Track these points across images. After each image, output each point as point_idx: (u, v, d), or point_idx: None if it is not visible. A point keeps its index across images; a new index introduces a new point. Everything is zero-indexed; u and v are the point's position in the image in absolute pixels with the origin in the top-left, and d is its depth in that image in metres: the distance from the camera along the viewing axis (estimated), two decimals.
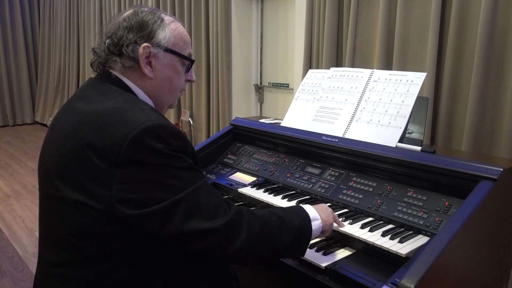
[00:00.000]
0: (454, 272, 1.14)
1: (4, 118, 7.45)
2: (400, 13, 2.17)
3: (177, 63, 1.21)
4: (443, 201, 1.28)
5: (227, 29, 3.54)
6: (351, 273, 1.12)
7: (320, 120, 1.75)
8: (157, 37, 1.15)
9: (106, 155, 0.98)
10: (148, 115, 1.02)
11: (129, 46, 1.13)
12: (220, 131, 2.05)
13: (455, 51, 1.99)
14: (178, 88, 1.25)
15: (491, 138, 1.92)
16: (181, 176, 1.01)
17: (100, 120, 1.03)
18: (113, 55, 1.15)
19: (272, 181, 1.70)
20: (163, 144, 1.00)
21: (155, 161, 0.99)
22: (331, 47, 2.56)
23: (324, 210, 1.26)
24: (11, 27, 7.29)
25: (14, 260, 2.92)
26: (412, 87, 1.55)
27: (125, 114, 1.02)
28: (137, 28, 1.14)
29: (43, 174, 1.13)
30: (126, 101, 1.08)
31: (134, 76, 1.16)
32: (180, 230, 0.99)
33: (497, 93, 1.89)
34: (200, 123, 4.06)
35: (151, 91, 1.19)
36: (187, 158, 1.05)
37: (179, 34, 1.20)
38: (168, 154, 1.00)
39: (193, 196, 1.01)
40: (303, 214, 1.20)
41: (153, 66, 1.16)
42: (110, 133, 0.99)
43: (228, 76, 3.61)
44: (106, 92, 1.12)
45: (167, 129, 1.02)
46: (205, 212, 1.01)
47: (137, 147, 0.98)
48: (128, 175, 0.98)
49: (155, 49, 1.15)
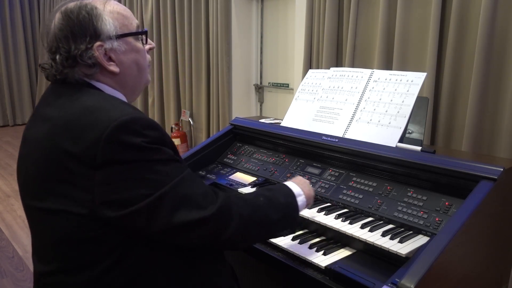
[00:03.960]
0: (454, 272, 1.14)
1: (4, 118, 7.44)
2: (400, 13, 2.17)
3: (133, 43, 1.13)
4: (443, 201, 1.28)
5: (227, 29, 3.54)
6: (351, 273, 1.12)
7: (320, 120, 1.75)
8: (103, 30, 1.06)
9: (83, 159, 0.95)
10: (119, 111, 0.98)
11: (83, 55, 1.04)
12: (220, 131, 2.05)
13: (455, 51, 1.99)
14: (145, 65, 1.19)
15: (491, 138, 1.92)
16: (162, 169, 0.98)
17: (70, 124, 0.99)
18: (69, 68, 1.06)
19: (272, 181, 1.70)
20: (140, 138, 0.96)
21: (134, 157, 0.95)
22: (331, 47, 2.56)
23: (305, 184, 1.27)
24: (11, 27, 7.28)
25: (14, 260, 2.92)
26: (412, 87, 1.55)
27: (94, 114, 0.98)
28: (79, 32, 1.04)
29: (24, 186, 1.10)
30: (93, 100, 1.03)
31: (100, 77, 1.10)
32: (170, 223, 0.96)
33: (497, 93, 1.89)
34: (200, 123, 4.06)
35: (121, 83, 1.13)
36: (166, 149, 1.01)
37: (118, 13, 1.10)
38: (146, 147, 0.96)
39: (178, 187, 0.98)
40: (288, 192, 1.21)
41: (115, 59, 1.09)
42: (83, 136, 0.95)
43: (228, 76, 3.61)
44: (71, 93, 1.05)
45: (141, 121, 0.98)
46: (193, 202, 0.99)
47: (113, 146, 0.94)
48: (108, 176, 0.95)
49: (107, 43, 1.07)
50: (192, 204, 0.98)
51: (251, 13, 3.72)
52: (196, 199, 0.99)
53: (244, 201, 1.09)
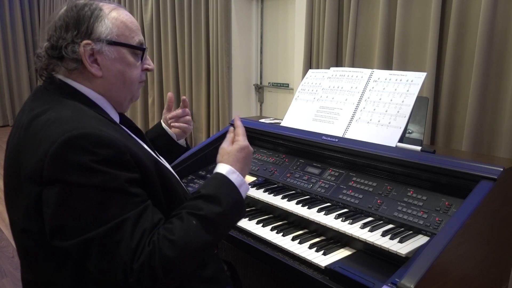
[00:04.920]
0: (454, 272, 1.14)
1: (4, 118, 7.45)
2: (400, 13, 2.17)
3: (126, 55, 1.09)
4: (443, 201, 1.28)
5: (227, 29, 3.54)
6: (351, 273, 1.12)
7: (320, 120, 1.75)
8: (97, 31, 1.04)
9: (32, 175, 0.91)
10: (76, 124, 0.91)
11: (68, 47, 1.02)
12: (220, 131, 2.05)
13: (455, 51, 1.99)
14: (134, 80, 1.13)
15: (491, 138, 1.92)
16: (105, 203, 0.89)
17: (31, 137, 0.95)
18: (54, 59, 1.04)
19: (272, 181, 1.70)
20: (88, 156, 0.88)
21: (79, 179, 0.87)
22: (331, 47, 2.56)
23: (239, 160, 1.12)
24: (11, 27, 7.28)
25: (14, 260, 2.92)
26: (412, 87, 1.55)
27: (51, 126, 0.92)
28: (73, 26, 1.03)
29: (4, 193, 1.09)
30: (61, 111, 0.98)
31: (81, 78, 1.06)
32: (98, 268, 0.89)
33: (497, 93, 1.89)
34: (200, 123, 4.06)
35: (103, 89, 1.08)
36: (120, 173, 0.91)
37: (122, 22, 1.08)
38: (93, 169, 0.88)
39: (112, 233, 0.88)
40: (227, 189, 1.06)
41: (100, 63, 1.05)
42: (36, 150, 0.91)
43: (228, 76, 3.61)
44: (46, 103, 1.02)
45: (92, 137, 0.90)
46: (121, 253, 0.88)
47: (58, 163, 0.88)
48: (50, 197, 0.89)
49: (97, 44, 1.03)
50: (119, 254, 0.88)
51: (251, 13, 3.72)
52: (125, 249, 0.88)
53: (172, 242, 0.92)
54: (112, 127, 1.00)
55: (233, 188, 1.07)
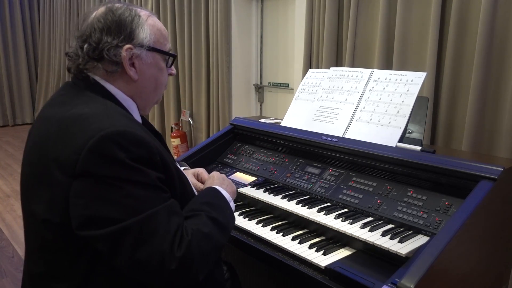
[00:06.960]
0: (454, 272, 1.14)
1: (4, 118, 7.45)
2: (400, 13, 2.17)
3: (159, 60, 1.15)
4: (443, 201, 1.28)
5: (227, 29, 3.54)
6: (351, 273, 1.12)
7: (320, 120, 1.75)
8: (138, 36, 1.09)
9: (65, 166, 0.93)
10: (111, 121, 0.95)
11: (110, 50, 1.05)
12: (220, 131, 2.05)
13: (455, 51, 1.99)
14: (163, 84, 1.20)
15: (491, 138, 1.92)
16: (139, 195, 0.93)
17: (63, 129, 0.97)
18: (93, 61, 1.07)
19: (272, 181, 1.70)
20: (124, 153, 0.91)
21: (113, 173, 0.91)
22: (331, 47, 2.56)
23: (228, 184, 1.28)
24: (11, 27, 7.28)
25: (14, 260, 2.92)
26: (412, 87, 1.55)
27: (87, 121, 0.96)
28: (115, 29, 1.06)
29: (21, 184, 1.11)
30: (94, 107, 1.01)
31: (117, 80, 1.10)
32: (130, 259, 0.91)
33: (497, 93, 1.89)
34: (200, 123, 4.05)
35: (135, 92, 1.13)
36: (151, 171, 0.96)
37: (158, 30, 1.14)
38: (128, 165, 0.92)
39: (148, 222, 0.92)
40: (225, 203, 1.20)
41: (137, 67, 1.10)
42: (70, 142, 0.93)
43: (228, 76, 3.61)
44: (77, 98, 1.06)
45: (130, 136, 0.94)
46: (158, 242, 0.91)
47: (94, 157, 0.91)
48: (82, 189, 0.92)
49: (137, 49, 1.08)
50: (157, 244, 0.91)
51: (251, 13, 3.72)
52: (164, 239, 0.92)
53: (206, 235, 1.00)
54: (141, 128, 1.04)
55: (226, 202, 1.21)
